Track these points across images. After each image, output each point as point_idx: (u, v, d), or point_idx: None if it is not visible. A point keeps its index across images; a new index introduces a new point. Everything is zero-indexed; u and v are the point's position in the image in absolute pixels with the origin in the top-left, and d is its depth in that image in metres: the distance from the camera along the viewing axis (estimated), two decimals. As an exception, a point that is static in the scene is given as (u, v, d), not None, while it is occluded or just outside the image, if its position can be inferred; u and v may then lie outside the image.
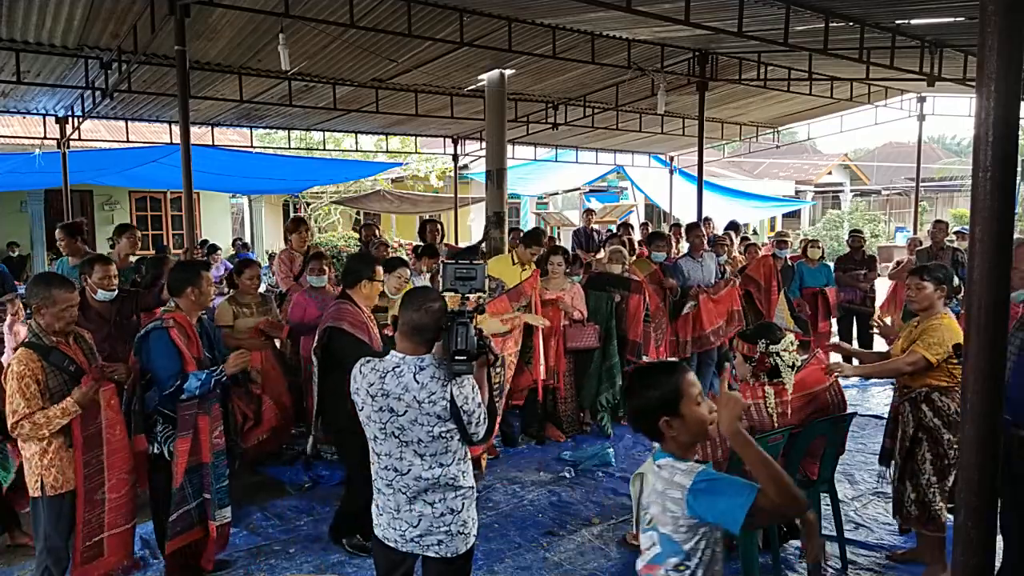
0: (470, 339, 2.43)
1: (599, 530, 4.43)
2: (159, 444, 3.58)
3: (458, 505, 2.58)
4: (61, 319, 3.25)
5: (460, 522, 2.59)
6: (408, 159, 17.70)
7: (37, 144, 11.24)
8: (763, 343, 3.48)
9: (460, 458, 2.59)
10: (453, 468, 2.56)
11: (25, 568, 4.00)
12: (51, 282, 3.30)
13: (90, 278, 4.47)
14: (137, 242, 5.91)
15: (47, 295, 3.22)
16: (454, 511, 2.58)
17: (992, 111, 1.46)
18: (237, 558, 4.09)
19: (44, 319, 3.24)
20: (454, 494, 2.57)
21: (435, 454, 2.53)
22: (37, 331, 3.25)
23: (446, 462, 2.54)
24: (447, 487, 2.55)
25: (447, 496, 2.56)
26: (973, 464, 1.53)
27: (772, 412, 3.38)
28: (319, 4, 6.25)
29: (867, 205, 28.20)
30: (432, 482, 2.54)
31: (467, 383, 2.51)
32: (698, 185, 9.49)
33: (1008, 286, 1.52)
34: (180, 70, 5.06)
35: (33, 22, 6.56)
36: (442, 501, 2.56)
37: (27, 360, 3.16)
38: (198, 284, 3.64)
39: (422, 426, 2.49)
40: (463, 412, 2.48)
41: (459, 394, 2.48)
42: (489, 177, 9.11)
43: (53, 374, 3.21)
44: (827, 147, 32.87)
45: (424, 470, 2.54)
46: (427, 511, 2.56)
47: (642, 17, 6.16)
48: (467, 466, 2.64)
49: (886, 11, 7.01)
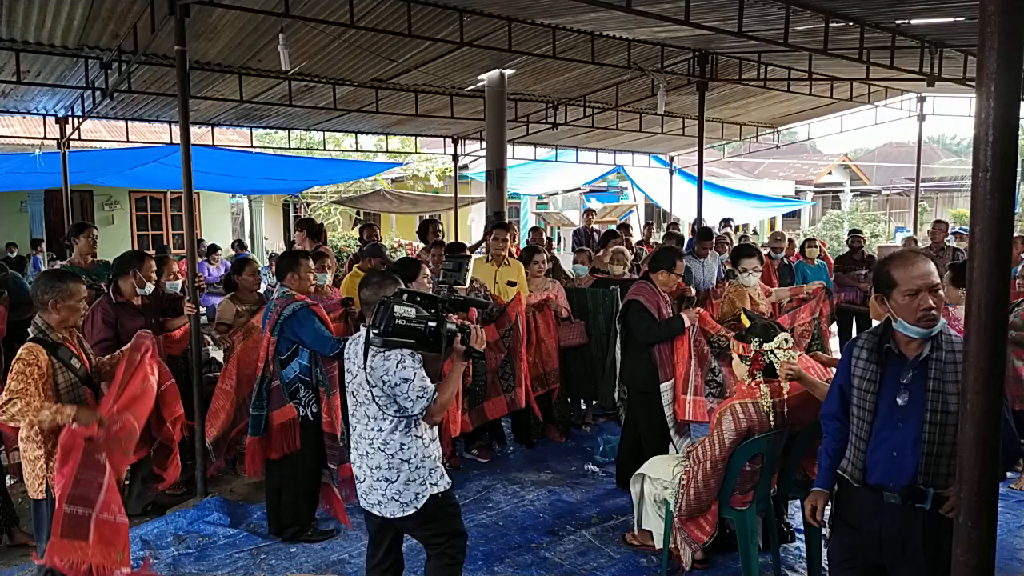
0: (388, 319, 2.62)
1: (599, 530, 4.42)
2: (303, 407, 4.10)
3: (393, 476, 2.80)
4: (76, 311, 3.26)
5: (395, 491, 2.81)
6: (408, 159, 17.70)
7: (37, 144, 11.25)
8: (757, 342, 3.48)
9: (402, 429, 2.79)
10: (395, 436, 2.79)
11: (25, 569, 4.00)
12: (63, 276, 3.32)
13: (139, 271, 4.54)
14: (96, 241, 5.73)
15: (63, 288, 3.22)
16: (388, 480, 2.80)
17: (992, 111, 1.46)
18: (238, 558, 4.09)
19: (59, 313, 3.22)
20: (389, 463, 2.80)
21: (375, 418, 2.80)
22: (43, 327, 3.22)
23: (385, 427, 2.79)
24: (384, 453, 2.80)
25: (382, 464, 2.81)
26: (973, 464, 1.53)
27: (769, 411, 3.38)
28: (319, 4, 6.25)
29: (867, 205, 28.20)
30: (373, 444, 2.82)
31: (392, 357, 2.74)
32: (698, 185, 9.49)
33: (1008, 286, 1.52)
34: (180, 70, 5.04)
35: (33, 22, 6.56)
36: (378, 468, 2.82)
37: (36, 353, 3.13)
38: (297, 269, 4.20)
39: (363, 390, 2.80)
40: (383, 382, 2.74)
41: (380, 365, 2.74)
42: (489, 177, 9.11)
43: (61, 371, 3.20)
44: (827, 147, 32.89)
45: (366, 430, 2.84)
46: (368, 472, 2.85)
47: (642, 17, 6.16)
48: (412, 441, 2.81)
49: (886, 11, 7.01)
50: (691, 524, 3.56)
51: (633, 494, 4.11)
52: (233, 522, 4.51)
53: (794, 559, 4.01)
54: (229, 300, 5.27)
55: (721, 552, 3.92)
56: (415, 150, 16.09)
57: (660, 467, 3.97)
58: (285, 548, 4.21)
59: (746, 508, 3.54)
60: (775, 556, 3.75)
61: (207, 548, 4.20)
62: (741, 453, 3.39)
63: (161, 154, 11.01)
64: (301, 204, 20.01)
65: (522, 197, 19.76)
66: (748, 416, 3.37)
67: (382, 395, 2.75)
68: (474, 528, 4.40)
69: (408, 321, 2.64)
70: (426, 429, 2.85)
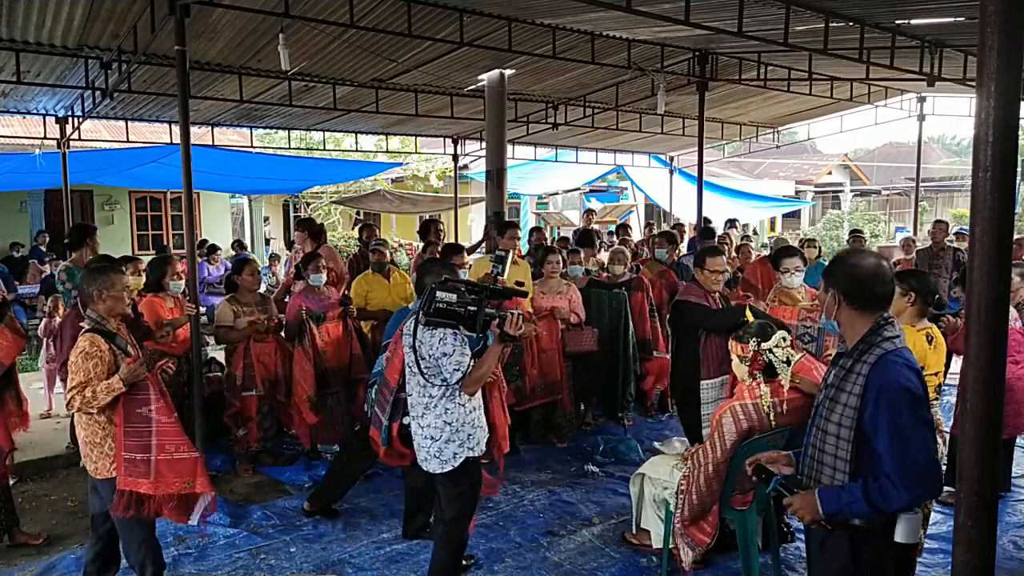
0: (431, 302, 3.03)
1: (599, 530, 4.43)
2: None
3: (437, 435, 3.24)
4: (120, 300, 3.40)
5: (436, 449, 3.24)
6: (408, 159, 17.69)
7: (37, 144, 11.25)
8: (755, 342, 3.48)
9: (448, 396, 3.21)
10: (442, 401, 3.22)
11: (25, 568, 4.00)
12: (104, 268, 3.49)
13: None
14: (96, 245, 5.71)
15: (105, 279, 3.36)
16: (433, 439, 3.25)
17: (992, 111, 1.46)
18: (238, 558, 4.09)
19: (106, 304, 3.36)
20: (434, 424, 3.23)
21: (424, 385, 3.22)
22: (97, 319, 3.36)
23: (435, 394, 3.21)
24: (432, 415, 3.23)
25: (431, 423, 3.24)
26: (973, 464, 1.54)
27: (770, 411, 3.38)
28: (319, 4, 6.24)
29: (867, 205, 28.20)
30: (424, 407, 3.24)
31: (436, 334, 3.15)
32: (698, 185, 9.48)
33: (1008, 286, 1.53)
34: (180, 70, 5.05)
35: (33, 22, 6.56)
36: (427, 427, 3.25)
37: (97, 343, 3.26)
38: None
39: (413, 360, 3.20)
40: (428, 355, 3.15)
41: (426, 340, 3.16)
42: (489, 177, 9.10)
43: (120, 357, 3.33)
44: (827, 147, 32.88)
45: (419, 396, 3.26)
46: (419, 431, 3.29)
47: (642, 17, 6.15)
48: (456, 407, 3.22)
49: (886, 11, 7.01)
50: (693, 527, 3.56)
51: (632, 494, 4.11)
52: (233, 522, 4.51)
53: (794, 559, 4.02)
54: (227, 302, 5.28)
55: (721, 552, 3.92)
56: (415, 150, 16.08)
57: (660, 467, 3.97)
58: (285, 548, 4.22)
59: (746, 508, 3.54)
60: (775, 556, 3.75)
61: (207, 548, 4.21)
62: (742, 453, 3.39)
63: (161, 154, 11.01)
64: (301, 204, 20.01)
65: (522, 197, 19.76)
66: (748, 417, 3.37)
67: (428, 366, 3.18)
68: (475, 528, 4.40)
69: (448, 305, 3.04)
70: (469, 399, 3.26)
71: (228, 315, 5.17)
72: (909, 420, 2.10)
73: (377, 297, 5.86)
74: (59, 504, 4.94)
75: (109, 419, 3.27)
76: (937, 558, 3.96)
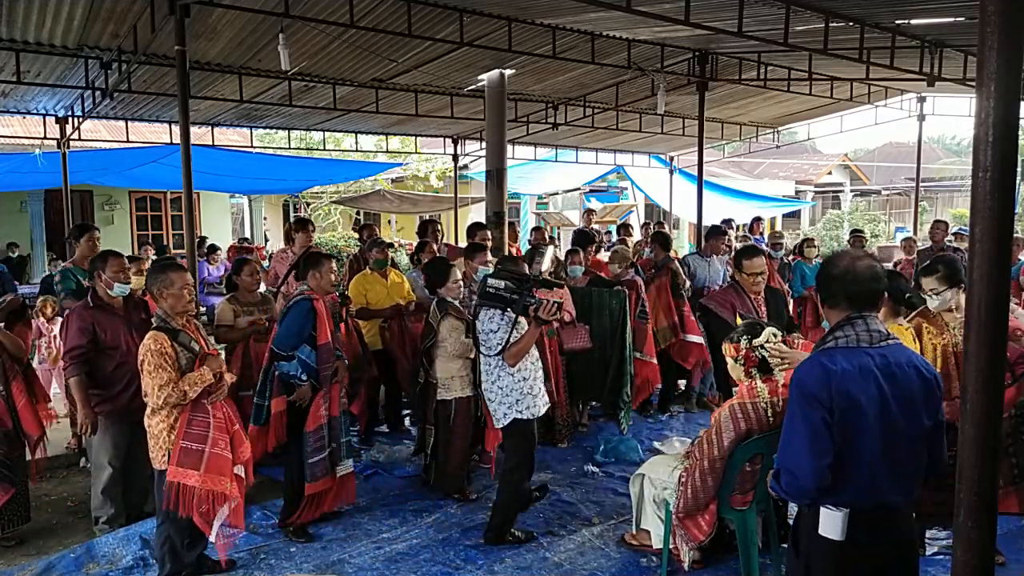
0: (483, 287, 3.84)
1: (599, 530, 4.42)
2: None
3: (494, 397, 4.03)
4: (181, 298, 3.55)
5: (493, 408, 4.05)
6: (408, 159, 17.70)
7: (37, 144, 11.25)
8: (745, 340, 3.48)
9: (501, 365, 3.94)
10: (497, 369, 3.97)
11: (25, 568, 4.00)
12: (165, 267, 3.67)
13: (104, 273, 4.30)
14: (97, 242, 5.54)
15: (164, 278, 3.53)
16: (491, 400, 4.05)
17: (992, 111, 1.46)
18: (237, 558, 4.09)
19: (167, 302, 3.54)
20: (491, 387, 4.03)
21: (485, 356, 3.99)
22: (163, 316, 3.55)
23: (493, 363, 3.98)
24: (490, 380, 4.03)
25: (491, 387, 4.04)
26: (973, 464, 1.54)
27: (768, 409, 3.37)
28: (319, 4, 6.25)
29: (867, 205, 28.21)
30: (485, 375, 4.06)
31: (486, 314, 3.91)
32: (698, 185, 9.49)
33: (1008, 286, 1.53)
34: (180, 70, 5.06)
35: (33, 22, 6.56)
36: (488, 391, 4.07)
37: (161, 341, 3.43)
38: (319, 268, 4.37)
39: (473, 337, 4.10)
40: (480, 331, 3.95)
41: (480, 319, 3.95)
42: (489, 177, 9.10)
43: (182, 354, 3.49)
44: (827, 147, 32.86)
45: (484, 365, 4.05)
46: (486, 393, 4.09)
47: (642, 17, 6.16)
48: (507, 375, 3.95)
49: (886, 11, 7.01)
50: (689, 522, 3.56)
51: (632, 494, 4.12)
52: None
53: (794, 559, 4.01)
54: (227, 302, 5.28)
55: (721, 552, 3.92)
56: (415, 150, 16.09)
57: (660, 467, 3.98)
58: (285, 548, 4.22)
59: (746, 508, 3.54)
60: (775, 556, 3.75)
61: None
62: (741, 453, 3.39)
63: (161, 154, 11.02)
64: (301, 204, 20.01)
65: (522, 197, 19.77)
66: (747, 417, 3.36)
67: (482, 341, 3.93)
68: (475, 528, 4.41)
69: (497, 290, 3.80)
70: (519, 368, 3.95)
71: (228, 315, 5.16)
72: (790, 417, 2.28)
73: (376, 297, 5.85)
74: (59, 504, 4.94)
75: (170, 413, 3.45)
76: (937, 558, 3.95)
